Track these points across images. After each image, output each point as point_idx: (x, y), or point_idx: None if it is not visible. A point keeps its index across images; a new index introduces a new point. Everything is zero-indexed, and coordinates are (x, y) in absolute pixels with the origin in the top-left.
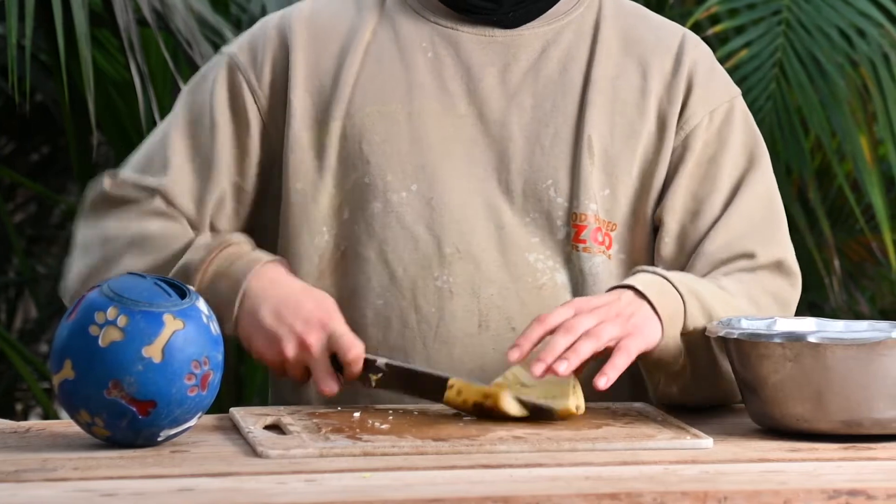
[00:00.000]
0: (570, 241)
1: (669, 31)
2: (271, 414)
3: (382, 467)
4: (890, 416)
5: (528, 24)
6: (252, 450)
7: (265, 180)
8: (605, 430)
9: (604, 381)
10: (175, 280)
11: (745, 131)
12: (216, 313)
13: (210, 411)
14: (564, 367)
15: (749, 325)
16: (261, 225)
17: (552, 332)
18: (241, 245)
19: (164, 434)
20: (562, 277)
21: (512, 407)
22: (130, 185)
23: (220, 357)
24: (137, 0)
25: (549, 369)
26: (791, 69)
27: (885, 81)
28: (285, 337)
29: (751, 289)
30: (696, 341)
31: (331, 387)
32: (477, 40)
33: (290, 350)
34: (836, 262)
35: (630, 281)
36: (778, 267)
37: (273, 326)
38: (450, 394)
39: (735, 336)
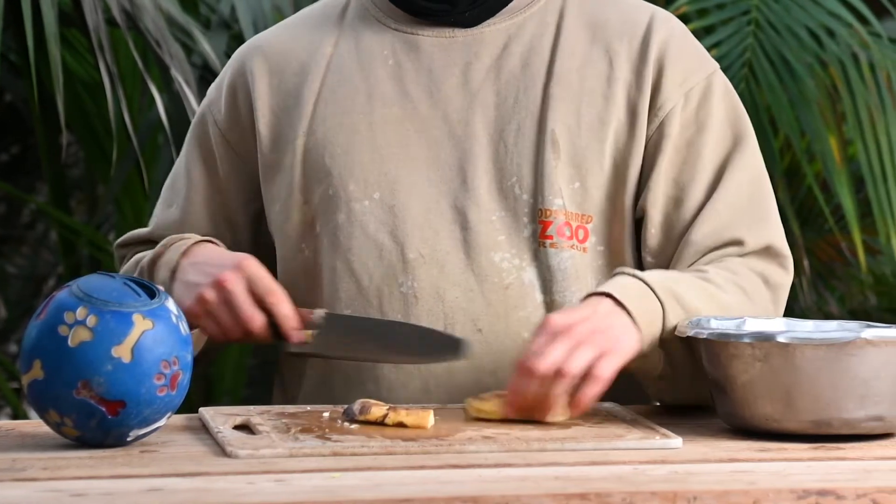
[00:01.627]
0: (537, 237)
1: (636, 12)
2: (240, 414)
3: (352, 467)
4: (859, 416)
5: (489, 21)
6: (221, 450)
7: (253, 207)
8: (574, 430)
9: (576, 412)
10: (145, 280)
11: (725, 108)
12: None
13: (179, 411)
14: (540, 415)
15: (718, 325)
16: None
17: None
18: (184, 238)
19: (133, 434)
20: (528, 276)
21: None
22: (133, 245)
23: (189, 357)
24: (107, 0)
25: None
26: (760, 69)
27: (854, 81)
28: (202, 282)
29: (740, 277)
30: (676, 344)
31: (258, 322)
32: (438, 42)
33: (208, 292)
34: (806, 263)
35: (608, 288)
36: (767, 251)
37: (193, 278)
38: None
39: (704, 336)
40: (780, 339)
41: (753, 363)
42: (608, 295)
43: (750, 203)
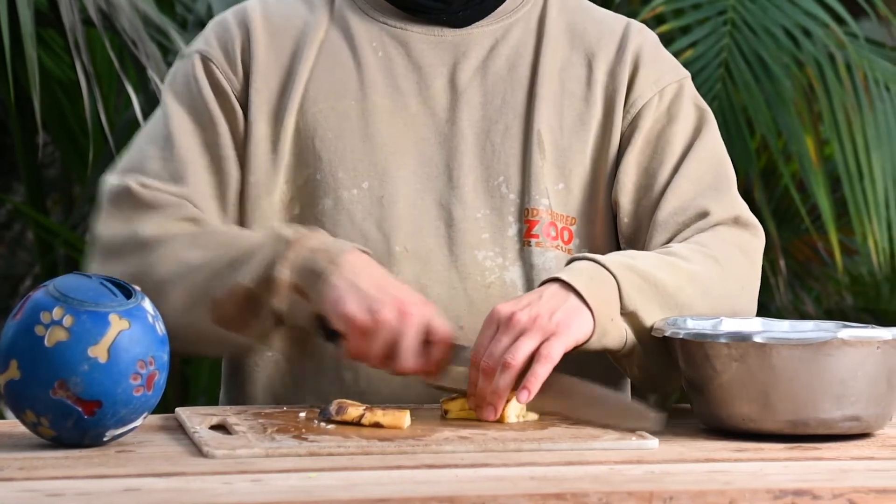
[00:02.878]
0: (522, 236)
1: (613, 21)
2: (217, 414)
3: (328, 467)
4: (835, 416)
5: (478, 23)
6: (198, 450)
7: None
8: (550, 430)
9: (525, 395)
10: (120, 280)
11: (694, 107)
12: (302, 281)
13: (156, 411)
14: (492, 413)
15: (695, 325)
16: None
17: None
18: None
19: (109, 434)
20: (511, 275)
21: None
22: (159, 189)
23: (165, 357)
24: (83, 0)
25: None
26: (737, 69)
27: (830, 81)
28: (385, 302)
29: (710, 248)
30: (639, 321)
31: (416, 362)
32: (427, 40)
33: (389, 315)
34: (782, 262)
35: (559, 273)
36: (736, 221)
37: (373, 292)
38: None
39: (681, 336)
40: (757, 339)
41: (730, 363)
42: (556, 279)
43: (714, 178)
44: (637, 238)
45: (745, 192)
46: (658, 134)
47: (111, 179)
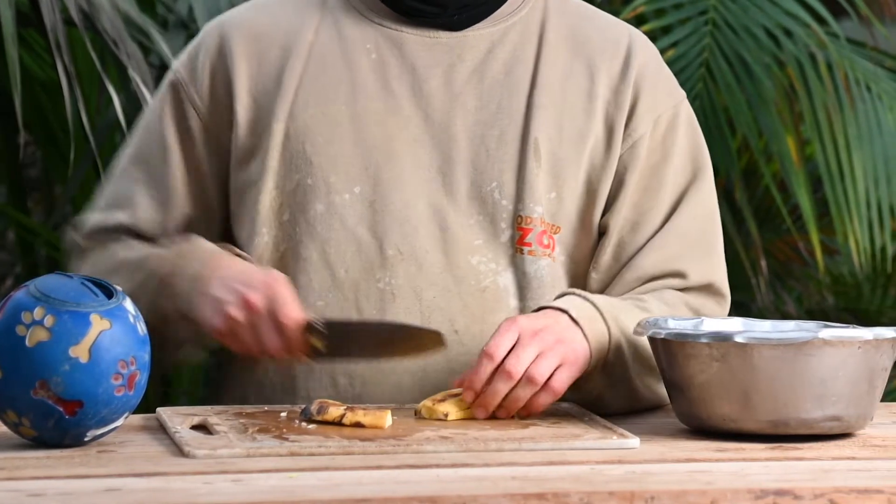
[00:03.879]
0: (515, 243)
1: (617, 32)
2: (198, 414)
3: (309, 467)
4: (816, 416)
5: (474, 26)
6: (179, 450)
7: (226, 192)
8: (531, 430)
9: (526, 416)
10: (102, 280)
11: (688, 139)
12: (182, 307)
13: (137, 411)
14: (504, 413)
15: (676, 325)
16: None
17: (498, 366)
18: (195, 242)
19: (91, 434)
20: (504, 280)
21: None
22: (98, 230)
23: (146, 357)
24: (64, 0)
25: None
26: (718, 69)
27: (811, 81)
28: (230, 300)
29: (675, 310)
30: (616, 367)
31: (276, 345)
32: (422, 42)
33: (235, 311)
34: (763, 263)
35: (563, 304)
36: (707, 289)
37: (220, 293)
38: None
39: (662, 336)
40: (738, 339)
41: (711, 363)
42: (564, 311)
43: (699, 238)
44: (609, 271)
45: (727, 192)
46: (652, 169)
47: (76, 228)
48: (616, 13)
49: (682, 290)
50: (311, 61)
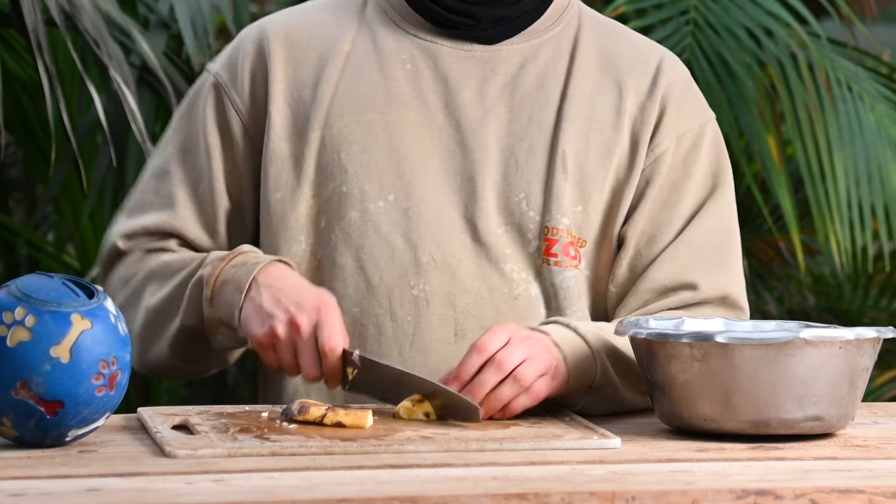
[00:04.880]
0: (541, 254)
1: (648, 51)
2: (179, 414)
3: (290, 467)
4: (797, 416)
5: (507, 41)
6: (160, 450)
7: (258, 194)
8: (512, 430)
9: (502, 417)
10: (83, 280)
11: (711, 159)
12: (224, 316)
13: (118, 411)
14: (484, 411)
15: (657, 325)
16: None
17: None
18: (250, 253)
19: (72, 434)
20: (535, 289)
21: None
22: (139, 232)
23: (127, 357)
24: (45, 0)
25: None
26: (699, 69)
27: (792, 81)
28: (278, 316)
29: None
30: (605, 387)
31: (313, 372)
32: (456, 54)
33: (281, 329)
34: (745, 263)
35: (551, 334)
36: (723, 301)
37: (269, 307)
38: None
39: (643, 336)
40: (719, 339)
41: (692, 363)
42: (547, 334)
43: (713, 250)
44: (627, 283)
45: None
46: (672, 185)
47: (113, 231)
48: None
49: (696, 303)
50: (346, 70)
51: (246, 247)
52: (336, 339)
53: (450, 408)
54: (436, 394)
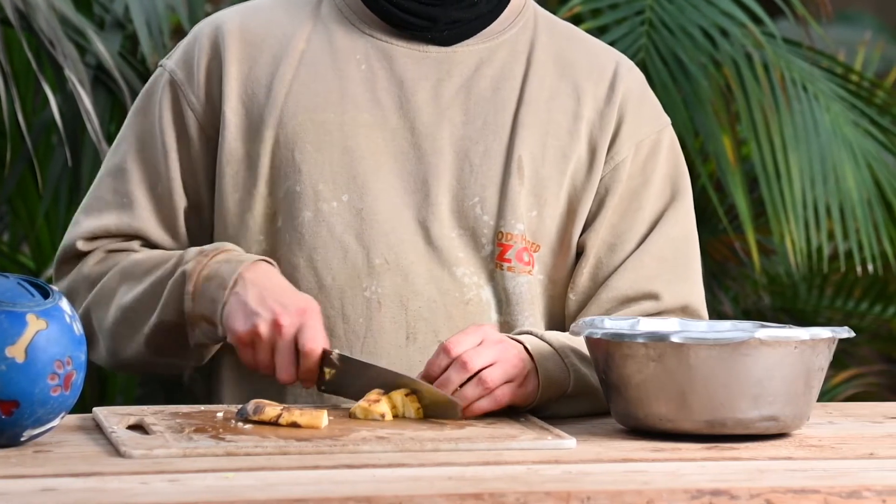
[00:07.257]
0: (495, 259)
1: (604, 56)
2: (134, 414)
3: (245, 467)
4: (753, 416)
5: (463, 42)
6: (115, 450)
7: (214, 191)
8: (468, 430)
9: (462, 417)
10: (38, 280)
11: (669, 165)
12: (206, 311)
13: (73, 411)
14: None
15: (612, 325)
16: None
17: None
18: (234, 251)
19: (27, 434)
20: (486, 294)
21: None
22: (99, 233)
23: (83, 357)
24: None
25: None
26: (654, 69)
27: (748, 81)
28: (262, 315)
29: None
30: (583, 397)
31: (288, 374)
32: (411, 55)
33: (263, 327)
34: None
35: (531, 349)
36: (684, 311)
37: (255, 305)
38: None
39: (598, 336)
40: (674, 339)
41: (647, 363)
42: (525, 348)
43: (675, 260)
44: (588, 291)
45: None
46: (632, 193)
47: (72, 232)
48: (553, 13)
49: (657, 313)
50: (301, 69)
51: (228, 244)
52: (316, 342)
53: (430, 405)
54: (417, 391)
